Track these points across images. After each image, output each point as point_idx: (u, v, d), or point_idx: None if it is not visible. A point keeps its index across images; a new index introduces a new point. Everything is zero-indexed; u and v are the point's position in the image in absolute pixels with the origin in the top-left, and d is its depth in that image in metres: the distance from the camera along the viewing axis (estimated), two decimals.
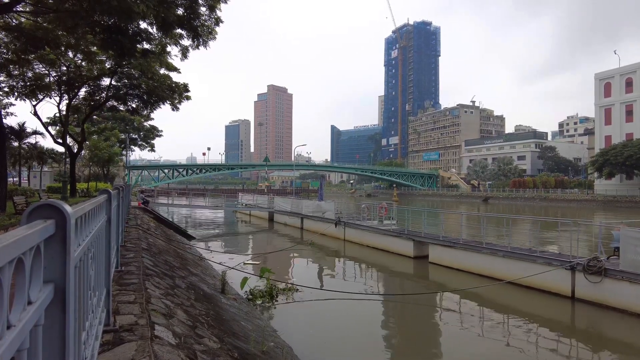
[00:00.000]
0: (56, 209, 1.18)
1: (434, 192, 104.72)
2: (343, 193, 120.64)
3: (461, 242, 14.95)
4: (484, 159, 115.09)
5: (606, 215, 45.86)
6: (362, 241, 20.45)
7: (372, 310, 11.08)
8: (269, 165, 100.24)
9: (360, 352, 7.79)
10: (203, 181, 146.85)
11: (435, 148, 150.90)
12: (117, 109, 31.67)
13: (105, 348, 3.27)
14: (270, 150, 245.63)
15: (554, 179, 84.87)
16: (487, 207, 65.78)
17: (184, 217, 38.40)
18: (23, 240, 0.83)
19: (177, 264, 9.92)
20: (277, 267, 14.30)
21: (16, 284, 0.91)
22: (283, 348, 6.82)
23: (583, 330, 9.92)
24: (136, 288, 5.30)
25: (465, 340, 8.75)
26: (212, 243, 22.08)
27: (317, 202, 27.16)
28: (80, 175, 49.99)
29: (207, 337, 4.87)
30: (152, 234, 13.54)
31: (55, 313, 1.19)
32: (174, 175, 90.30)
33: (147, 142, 60.07)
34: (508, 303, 11.55)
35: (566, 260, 11.50)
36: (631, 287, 9.95)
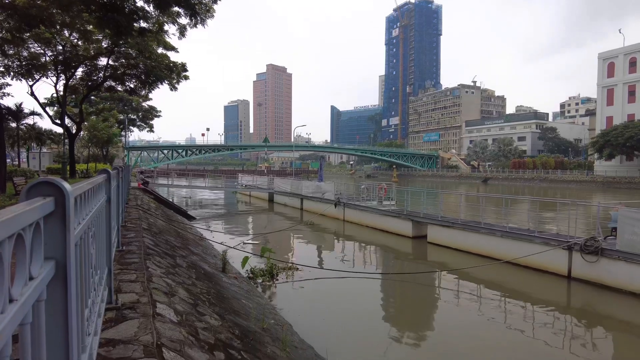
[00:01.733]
0: (55, 186, 1.18)
1: (434, 173, 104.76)
2: (343, 174, 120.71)
3: (460, 222, 15.05)
4: (484, 140, 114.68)
5: (605, 196, 46.01)
6: (362, 221, 20.59)
7: (370, 289, 11.24)
8: (269, 146, 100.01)
9: (358, 329, 7.94)
10: (202, 162, 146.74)
11: (436, 129, 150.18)
12: (115, 89, 31.36)
13: (109, 325, 3.34)
14: (270, 131, 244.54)
15: (553, 160, 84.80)
16: (487, 187, 65.93)
17: (184, 198, 38.52)
18: (22, 216, 0.84)
19: (177, 244, 10.01)
20: (277, 247, 14.44)
21: (17, 259, 0.92)
22: (283, 325, 6.95)
23: (578, 309, 10.10)
24: (137, 267, 5.35)
25: (461, 318, 8.91)
26: (212, 223, 22.22)
27: (316, 183, 27.21)
28: (80, 156, 49.89)
29: (208, 315, 4.95)
30: (152, 214, 13.61)
31: (57, 289, 1.20)
32: (173, 156, 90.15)
33: (146, 123, 59.74)
34: (505, 282, 11.71)
35: (564, 240, 11.60)
36: (627, 266, 10.07)
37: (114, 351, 2.88)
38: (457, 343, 7.53)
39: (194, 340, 3.72)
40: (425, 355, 7.20)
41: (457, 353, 7.06)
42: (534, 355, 7.16)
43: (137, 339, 3.13)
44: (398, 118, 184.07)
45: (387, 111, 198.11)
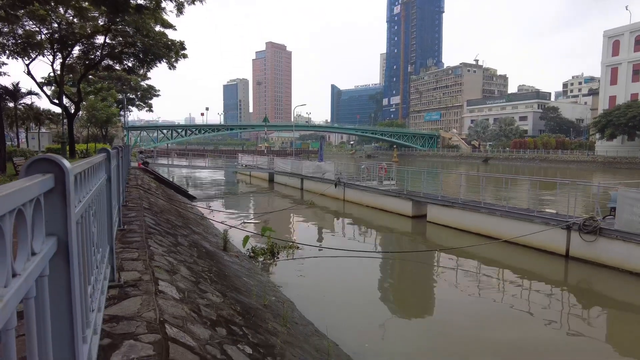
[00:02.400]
0: (54, 163, 1.18)
1: (435, 153, 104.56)
2: (343, 154, 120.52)
3: (460, 201, 15.10)
4: (485, 120, 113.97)
5: (605, 176, 46.03)
6: (362, 201, 20.67)
7: (370, 267, 11.38)
8: (269, 126, 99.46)
9: (358, 306, 8.07)
10: (202, 142, 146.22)
11: (437, 108, 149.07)
12: (112, 68, 30.96)
13: (112, 302, 3.39)
14: (270, 111, 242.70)
15: (554, 140, 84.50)
16: (487, 167, 65.92)
17: (184, 178, 38.57)
18: (22, 191, 0.84)
19: (179, 223, 10.07)
20: (277, 226, 14.54)
21: (19, 235, 0.93)
22: (284, 302, 7.07)
23: (575, 287, 10.24)
24: (139, 246, 5.40)
25: (459, 295, 9.04)
26: (213, 203, 22.32)
27: (317, 163, 27.18)
28: (79, 136, 49.68)
29: (210, 292, 5.03)
30: (153, 194, 13.65)
31: (60, 265, 1.22)
32: (172, 135, 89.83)
33: (145, 102, 59.27)
34: (504, 261, 11.84)
35: (563, 220, 11.67)
36: (624, 245, 10.17)
37: (117, 327, 2.93)
38: (454, 319, 7.67)
39: (196, 316, 3.79)
40: (423, 331, 7.34)
41: (454, 329, 7.20)
42: (531, 331, 7.30)
43: (140, 316, 3.18)
44: (399, 97, 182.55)
45: (389, 90, 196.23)
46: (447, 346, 6.59)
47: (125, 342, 2.71)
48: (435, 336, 7.05)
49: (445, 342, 6.75)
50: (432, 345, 6.69)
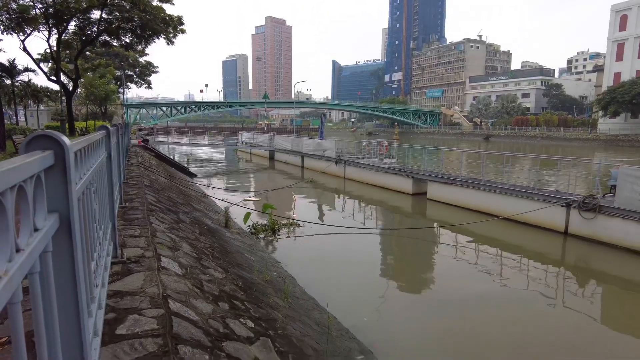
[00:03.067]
0: (54, 140, 1.18)
1: (436, 130, 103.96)
2: (344, 131, 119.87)
3: (460, 179, 15.12)
4: (487, 97, 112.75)
5: (607, 154, 45.91)
6: (362, 179, 20.69)
7: (370, 243, 11.50)
8: (269, 103, 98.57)
9: (358, 281, 8.20)
10: (202, 119, 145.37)
11: (439, 85, 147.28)
12: (110, 44, 30.50)
13: (115, 278, 3.44)
14: (269, 87, 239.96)
15: (557, 118, 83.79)
16: (488, 145, 65.67)
17: (184, 155, 38.52)
18: (23, 167, 0.84)
19: (180, 200, 10.13)
20: (278, 203, 14.61)
21: (21, 211, 0.93)
22: (285, 278, 7.18)
23: (572, 263, 10.37)
24: (141, 223, 5.45)
25: (458, 272, 9.17)
26: (214, 180, 22.37)
27: (317, 141, 27.08)
28: (78, 114, 49.32)
29: (212, 268, 5.10)
30: (153, 172, 13.67)
31: (63, 241, 1.23)
32: (172, 113, 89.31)
33: (144, 79, 58.60)
34: (502, 238, 11.95)
35: (562, 197, 11.71)
36: (623, 223, 10.23)
37: (121, 302, 2.99)
38: (452, 294, 7.80)
39: (199, 291, 3.86)
40: (422, 306, 7.48)
41: (452, 303, 7.33)
42: (527, 305, 7.43)
43: (144, 291, 3.24)
44: (401, 73, 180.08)
45: (390, 66, 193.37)
46: (445, 320, 6.72)
47: (130, 316, 2.77)
48: (433, 311, 7.19)
49: (443, 316, 6.88)
50: (430, 319, 6.83)
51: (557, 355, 5.77)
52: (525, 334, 6.37)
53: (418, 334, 6.32)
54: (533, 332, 6.41)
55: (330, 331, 5.16)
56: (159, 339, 2.54)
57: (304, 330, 4.69)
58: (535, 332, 6.43)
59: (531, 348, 5.91)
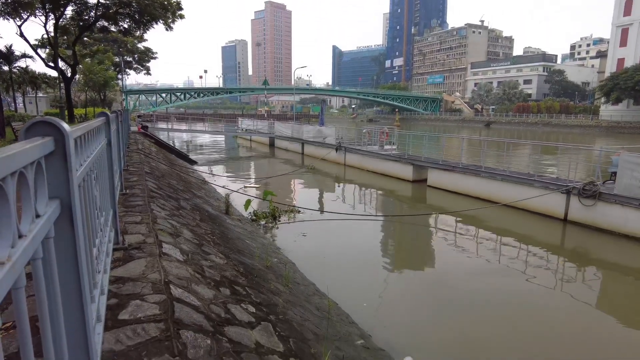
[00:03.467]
0: (54, 126, 1.17)
1: (437, 117, 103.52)
2: (344, 118, 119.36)
3: (460, 166, 15.11)
4: (489, 83, 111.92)
5: (608, 141, 45.78)
6: (363, 166, 20.69)
7: (370, 230, 11.55)
8: (269, 89, 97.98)
9: (358, 268, 8.26)
10: (201, 106, 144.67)
11: (440, 70, 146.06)
12: (108, 29, 30.15)
13: (117, 264, 3.47)
14: (269, 73, 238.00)
15: (558, 104, 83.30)
16: (489, 132, 65.47)
17: (184, 142, 38.45)
18: (23, 153, 0.84)
19: (180, 187, 10.14)
20: (279, 190, 14.64)
21: (22, 198, 0.94)
22: (286, 263, 7.23)
23: (571, 249, 10.43)
24: (142, 209, 5.47)
25: (458, 258, 9.23)
26: (214, 167, 22.37)
27: (318, 127, 26.99)
28: (77, 100, 49.05)
29: (213, 254, 5.13)
30: (154, 158, 13.65)
31: (64, 227, 1.24)
32: (171, 99, 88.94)
33: (142, 65, 58.11)
34: (502, 224, 12.00)
35: (563, 184, 11.72)
36: (622, 210, 10.26)
37: (123, 288, 3.02)
38: (451, 280, 7.87)
39: (200, 277, 3.89)
40: (421, 291, 7.55)
41: (450, 289, 7.40)
42: (526, 291, 7.50)
43: (145, 277, 3.27)
44: (402, 59, 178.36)
45: (391, 51, 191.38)
46: (443, 305, 6.80)
47: (132, 302, 2.80)
48: (432, 296, 7.26)
49: (442, 301, 6.95)
50: (429, 304, 6.90)
51: (552, 337, 5.84)
52: (522, 317, 6.44)
53: (417, 319, 6.39)
54: (530, 315, 6.48)
55: (331, 316, 5.22)
56: (161, 324, 2.57)
57: (304, 315, 4.74)
58: (532, 315, 6.51)
59: (527, 329, 5.99)
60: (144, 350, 2.27)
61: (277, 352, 3.18)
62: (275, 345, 3.29)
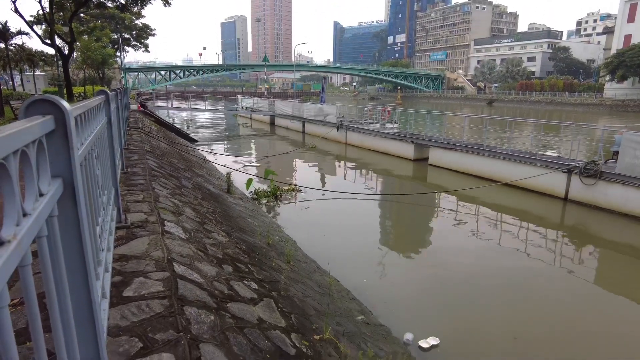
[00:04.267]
0: (54, 104, 1.16)
1: (439, 95, 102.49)
2: (346, 96, 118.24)
3: (462, 144, 15.06)
4: (492, 60, 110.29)
5: (611, 119, 45.40)
6: (364, 145, 20.62)
7: (371, 209, 11.62)
8: (269, 66, 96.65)
9: (359, 246, 8.34)
10: (201, 83, 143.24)
11: (443, 47, 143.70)
12: (104, 5, 29.56)
13: (120, 242, 3.51)
14: (269, 50, 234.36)
15: (562, 82, 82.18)
16: (491, 110, 64.91)
17: (184, 121, 38.24)
18: (24, 132, 0.84)
19: (181, 166, 10.14)
20: (279, 169, 14.64)
21: (25, 177, 0.94)
22: (287, 241, 7.31)
23: (571, 228, 10.49)
24: (143, 188, 5.48)
25: (457, 237, 9.30)
26: (214, 146, 22.30)
27: (318, 106, 26.75)
28: (76, 79, 48.53)
29: (215, 232, 5.18)
30: (154, 137, 13.61)
31: (68, 205, 1.24)
32: (170, 77, 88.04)
33: (141, 43, 57.24)
34: (502, 203, 12.04)
35: (564, 163, 11.69)
36: (623, 189, 10.27)
37: (127, 265, 3.06)
38: (450, 258, 7.96)
39: (203, 255, 3.94)
40: (420, 268, 7.65)
41: (449, 266, 7.49)
42: (525, 268, 7.59)
43: (149, 255, 3.31)
44: (404, 35, 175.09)
45: (394, 27, 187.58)
46: (443, 282, 6.89)
47: (136, 279, 2.85)
48: (431, 273, 7.35)
49: (442, 279, 7.05)
50: (428, 281, 7.00)
51: (550, 313, 5.95)
52: (520, 294, 6.54)
53: (417, 296, 6.49)
54: (529, 293, 6.58)
55: (332, 292, 5.30)
56: (165, 301, 2.61)
57: (306, 292, 4.82)
58: (531, 292, 6.61)
59: (525, 306, 6.09)
60: (149, 326, 2.32)
61: (279, 327, 3.25)
62: (277, 320, 3.36)
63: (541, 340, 5.26)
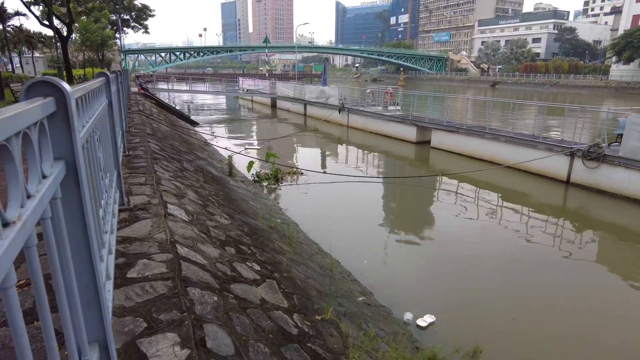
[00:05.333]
0: (54, 86, 1.16)
1: (442, 76, 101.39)
2: (348, 77, 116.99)
3: (465, 127, 14.97)
4: (496, 41, 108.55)
5: (617, 102, 44.93)
6: (366, 127, 20.51)
7: (373, 192, 11.63)
8: (270, 47, 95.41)
9: (361, 228, 8.39)
10: (201, 65, 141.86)
11: (447, 28, 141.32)
12: None
13: (123, 225, 3.53)
14: (270, 30, 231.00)
15: (567, 64, 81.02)
16: (495, 92, 64.26)
17: (185, 103, 38.02)
18: (26, 114, 0.83)
19: (183, 149, 10.14)
20: (281, 152, 14.61)
21: (28, 159, 0.94)
22: (289, 224, 7.35)
23: (572, 211, 10.51)
24: (145, 171, 5.49)
25: (459, 219, 9.33)
26: (215, 129, 22.24)
27: (320, 88, 26.51)
28: (75, 61, 48.07)
29: (218, 215, 5.21)
30: (155, 120, 13.56)
31: (71, 188, 1.25)
32: (171, 59, 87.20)
33: (140, 24, 56.36)
34: (504, 186, 12.04)
35: (567, 146, 11.63)
36: (626, 172, 10.24)
37: (131, 248, 3.09)
38: (452, 241, 8.01)
39: (206, 237, 3.97)
40: (420, 250, 7.71)
41: (449, 249, 7.55)
42: (526, 250, 7.64)
43: (152, 237, 3.34)
44: (408, 16, 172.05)
45: (396, 7, 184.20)
46: (442, 262, 6.96)
47: (139, 261, 2.88)
48: (431, 255, 7.42)
49: (442, 260, 7.11)
50: (428, 263, 7.07)
51: (550, 296, 6.01)
52: (520, 275, 6.60)
53: (417, 277, 6.56)
54: (528, 277, 6.64)
55: (333, 274, 5.36)
56: (169, 282, 2.65)
57: (307, 273, 4.87)
58: (531, 277, 6.66)
59: (525, 287, 6.16)
60: (153, 306, 2.35)
61: (281, 307, 3.29)
62: (279, 301, 3.41)
63: (539, 322, 5.34)
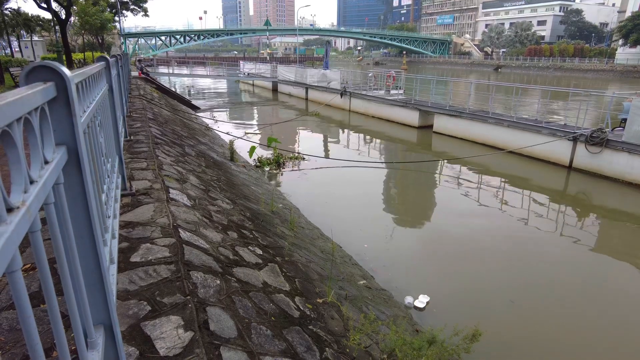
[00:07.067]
0: (54, 71, 1.15)
1: (445, 60, 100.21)
2: (350, 61, 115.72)
3: (467, 111, 14.87)
4: (500, 24, 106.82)
5: (622, 86, 44.43)
6: (368, 112, 20.39)
7: (374, 177, 11.63)
8: (271, 30, 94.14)
9: (362, 213, 8.42)
10: (202, 49, 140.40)
11: (451, 10, 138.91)
12: None
13: (126, 209, 3.55)
14: (271, 13, 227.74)
15: (572, 47, 79.73)
16: (498, 76, 63.56)
17: (186, 87, 37.77)
18: (26, 98, 0.83)
19: (184, 134, 10.12)
20: (282, 137, 14.57)
21: (30, 145, 0.94)
22: (291, 209, 7.38)
23: (574, 196, 10.51)
24: (147, 156, 5.50)
25: (459, 203, 9.35)
26: (217, 113, 22.14)
27: (322, 71, 26.25)
28: (74, 45, 47.61)
29: (220, 200, 5.23)
30: (156, 104, 13.50)
31: (73, 173, 1.25)
32: (171, 42, 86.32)
33: (140, 6, 55.56)
34: (506, 171, 12.01)
35: (570, 131, 11.56)
36: (628, 157, 10.19)
37: (133, 232, 3.12)
38: (453, 226, 8.04)
39: (208, 221, 3.99)
40: (421, 234, 7.76)
41: (450, 233, 7.58)
42: (526, 234, 7.67)
43: (154, 222, 3.36)
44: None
45: None
46: (443, 248, 7.00)
47: (142, 245, 2.90)
48: (432, 239, 7.46)
49: (442, 244, 7.15)
50: (429, 247, 7.11)
51: (550, 281, 6.06)
52: (521, 260, 6.65)
53: (417, 262, 6.61)
54: (529, 261, 6.68)
55: (334, 258, 5.41)
56: (172, 266, 2.68)
57: (309, 257, 4.91)
58: (531, 261, 6.71)
59: (524, 272, 6.21)
60: (157, 290, 2.39)
61: (283, 291, 3.33)
62: (281, 284, 3.45)
63: (537, 305, 5.39)
